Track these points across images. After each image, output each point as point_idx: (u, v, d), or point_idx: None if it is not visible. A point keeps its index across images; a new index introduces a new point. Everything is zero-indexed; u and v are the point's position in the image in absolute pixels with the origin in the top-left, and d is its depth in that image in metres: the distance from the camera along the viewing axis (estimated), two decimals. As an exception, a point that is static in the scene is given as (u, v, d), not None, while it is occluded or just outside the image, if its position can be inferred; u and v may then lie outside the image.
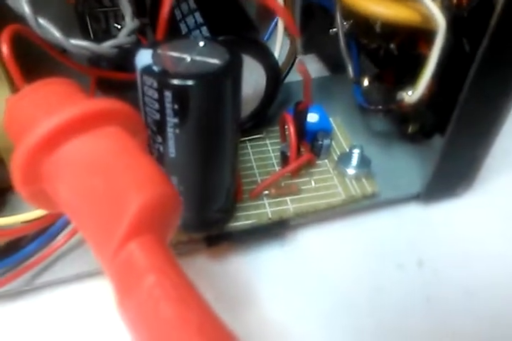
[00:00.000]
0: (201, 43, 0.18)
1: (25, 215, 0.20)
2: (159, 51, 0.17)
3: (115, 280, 0.12)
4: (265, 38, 0.28)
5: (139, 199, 0.13)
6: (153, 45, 0.18)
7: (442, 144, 0.23)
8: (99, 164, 0.14)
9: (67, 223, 0.22)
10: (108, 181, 0.14)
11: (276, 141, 0.27)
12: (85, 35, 0.28)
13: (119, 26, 0.28)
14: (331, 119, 0.28)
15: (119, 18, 0.28)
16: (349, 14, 0.26)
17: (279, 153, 0.26)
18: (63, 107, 0.14)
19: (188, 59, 0.17)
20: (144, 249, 0.13)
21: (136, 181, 0.14)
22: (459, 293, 0.23)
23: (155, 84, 0.16)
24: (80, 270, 0.21)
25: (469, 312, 0.22)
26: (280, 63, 0.26)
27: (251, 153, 0.26)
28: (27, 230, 0.20)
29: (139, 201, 0.13)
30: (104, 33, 0.28)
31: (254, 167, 0.26)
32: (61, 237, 0.21)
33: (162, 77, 0.16)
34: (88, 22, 0.27)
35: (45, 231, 0.21)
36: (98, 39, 0.28)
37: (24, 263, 0.21)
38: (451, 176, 0.25)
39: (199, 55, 0.17)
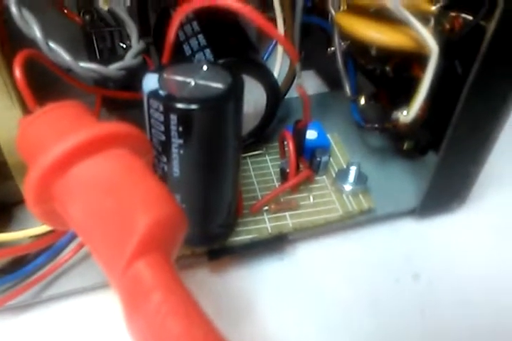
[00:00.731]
0: (204, 67, 0.19)
1: (32, 230, 0.21)
2: (165, 75, 0.18)
3: (124, 296, 0.13)
4: (265, 58, 0.29)
5: (147, 219, 0.14)
6: (159, 69, 0.19)
7: (436, 161, 0.24)
8: (109, 185, 0.15)
9: (73, 237, 0.22)
10: (117, 201, 0.14)
11: (275, 156, 0.28)
12: (91, 54, 0.29)
13: (124, 45, 0.29)
14: (328, 136, 0.29)
15: (124, 37, 0.29)
16: (346, 36, 0.27)
17: (278, 169, 0.27)
18: (74, 130, 0.15)
19: (192, 83, 0.18)
20: (152, 267, 0.13)
21: (144, 201, 0.14)
22: (454, 306, 0.23)
23: (161, 108, 0.17)
24: (86, 283, 0.22)
25: (464, 325, 0.22)
26: (280, 81, 0.27)
27: (251, 169, 0.27)
28: (34, 247, 0.21)
29: (147, 221, 0.14)
30: (110, 52, 0.29)
31: (255, 182, 0.26)
32: (68, 251, 0.22)
33: (168, 101, 0.17)
34: (95, 41, 0.28)
35: (51, 246, 0.22)
36: (104, 58, 0.29)
37: (31, 277, 0.21)
38: (445, 192, 0.26)
39: (202, 79, 0.18)
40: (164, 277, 0.13)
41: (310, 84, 0.36)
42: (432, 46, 0.20)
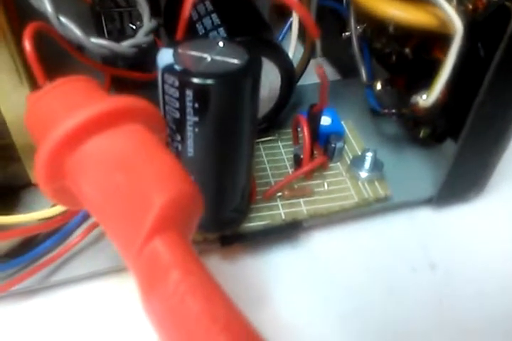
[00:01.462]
0: (221, 43, 0.18)
1: (40, 213, 0.21)
2: (180, 50, 0.18)
3: (140, 275, 0.12)
4: (279, 40, 0.28)
5: (163, 196, 0.13)
6: (174, 45, 0.18)
7: (455, 149, 0.23)
8: (123, 161, 0.14)
9: (82, 220, 0.22)
10: (131, 178, 0.14)
11: (288, 143, 0.27)
12: (100, 34, 0.28)
13: (133, 26, 0.28)
14: (342, 122, 0.28)
15: (134, 18, 0.28)
16: (363, 18, 0.26)
17: (291, 155, 0.26)
18: (86, 105, 0.14)
19: (209, 58, 0.17)
20: (169, 245, 0.13)
21: (160, 178, 0.14)
22: (471, 296, 0.23)
23: (176, 83, 0.16)
24: (96, 268, 0.21)
25: (482, 315, 0.22)
26: (294, 64, 0.26)
27: (264, 155, 0.26)
28: (43, 228, 0.20)
29: (163, 198, 0.13)
30: (119, 33, 0.28)
31: (268, 168, 0.26)
32: (77, 235, 0.21)
33: (184, 76, 0.16)
34: (104, 22, 0.28)
35: (60, 229, 0.21)
36: (113, 39, 0.28)
37: (39, 261, 0.21)
38: (463, 181, 0.25)
39: (219, 54, 0.18)
40: (182, 255, 0.13)
41: (318, 76, 0.35)
42: (457, 25, 0.19)
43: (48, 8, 0.18)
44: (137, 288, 0.12)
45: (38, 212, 0.21)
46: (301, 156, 0.24)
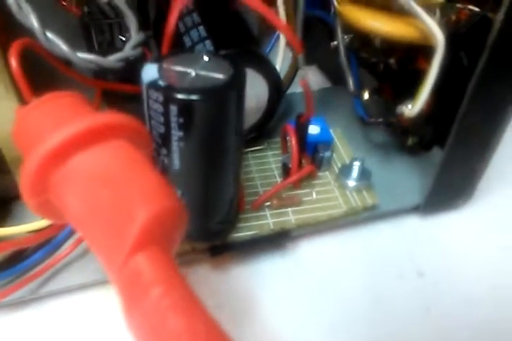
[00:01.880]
0: (205, 58, 0.18)
1: (30, 225, 0.21)
2: (165, 65, 0.18)
3: (122, 290, 0.13)
4: (267, 51, 0.28)
5: (146, 211, 0.13)
6: (159, 60, 0.18)
7: (441, 157, 0.24)
8: (107, 176, 0.14)
9: (71, 232, 0.22)
10: (115, 193, 0.14)
11: (277, 152, 0.28)
12: (90, 47, 0.28)
13: (123, 38, 0.28)
14: (331, 131, 0.28)
15: (124, 29, 0.28)
16: (349, 28, 0.26)
17: (280, 165, 0.27)
18: (72, 120, 0.15)
19: (193, 73, 0.18)
20: (151, 260, 0.13)
21: (144, 193, 0.14)
22: (459, 303, 0.23)
23: (160, 99, 0.17)
24: (85, 279, 0.21)
25: (470, 322, 0.22)
26: (282, 75, 0.26)
27: (252, 165, 0.27)
28: (32, 241, 0.21)
29: (146, 213, 0.13)
30: (109, 45, 0.28)
31: (256, 178, 0.26)
32: (66, 246, 0.22)
33: (168, 92, 0.17)
34: (93, 34, 0.28)
35: (50, 241, 0.22)
36: (103, 50, 0.28)
37: (29, 273, 0.21)
38: (450, 189, 0.26)
39: (203, 69, 0.18)
40: (164, 271, 0.13)
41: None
42: (439, 37, 0.20)
43: (35, 24, 0.19)
44: (120, 303, 0.12)
45: (28, 225, 0.21)
46: (290, 165, 0.25)
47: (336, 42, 0.28)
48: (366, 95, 0.27)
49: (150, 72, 0.17)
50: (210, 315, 0.12)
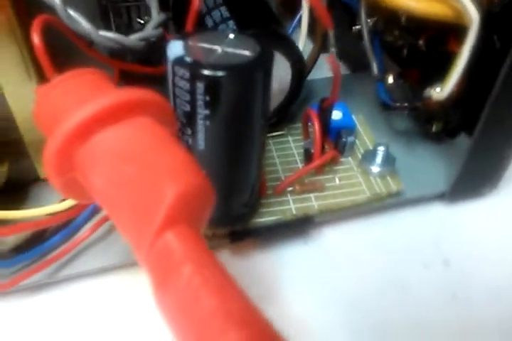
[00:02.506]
0: (231, 35, 0.18)
1: (49, 208, 0.20)
2: (190, 42, 0.17)
3: (152, 270, 0.12)
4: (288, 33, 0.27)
5: (175, 188, 0.13)
6: (184, 37, 0.18)
7: (470, 144, 0.23)
8: (133, 153, 0.14)
9: (91, 215, 0.22)
10: (142, 170, 0.13)
11: (298, 138, 0.27)
12: (108, 29, 0.28)
13: (141, 21, 0.28)
14: (353, 117, 0.28)
15: (141, 13, 0.28)
16: (373, 11, 0.25)
17: (301, 150, 0.26)
18: (96, 97, 0.14)
19: (220, 50, 0.17)
20: (181, 238, 0.12)
21: (171, 170, 0.13)
22: (485, 293, 0.22)
23: (187, 75, 0.16)
24: (105, 263, 0.21)
25: (496, 310, 0.22)
26: (305, 57, 0.26)
27: (274, 150, 0.26)
28: (51, 222, 0.20)
29: (175, 190, 0.13)
30: (127, 28, 0.28)
31: (277, 163, 0.25)
32: (86, 229, 0.21)
33: (195, 68, 0.16)
34: (111, 16, 0.27)
35: (69, 224, 0.21)
36: (121, 33, 0.28)
37: (48, 256, 0.21)
38: (477, 176, 0.25)
39: (230, 46, 0.17)
40: (195, 249, 0.12)
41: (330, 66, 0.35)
42: (473, 16, 0.19)
43: (57, 0, 0.18)
44: (149, 283, 0.12)
45: (47, 207, 0.20)
46: (312, 151, 0.24)
47: (358, 27, 0.27)
48: (391, 79, 0.26)
49: (175, 48, 0.17)
50: (244, 293, 0.11)
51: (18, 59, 0.20)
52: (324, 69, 0.29)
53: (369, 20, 0.26)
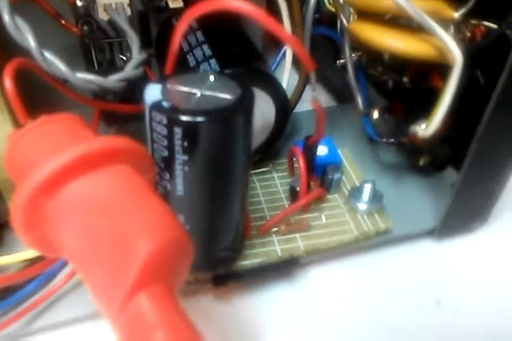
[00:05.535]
0: (211, 77, 0.17)
1: (24, 254, 0.19)
2: (168, 86, 0.17)
3: (123, 335, 0.11)
4: (272, 68, 0.27)
5: (149, 243, 0.12)
6: (162, 80, 0.17)
7: (458, 179, 0.23)
8: (106, 205, 0.13)
9: (65, 262, 0.21)
10: (115, 224, 0.13)
11: (283, 174, 0.26)
12: (89, 66, 0.27)
13: (124, 57, 0.27)
14: (339, 151, 0.27)
15: (124, 49, 0.27)
16: (358, 46, 0.25)
17: (287, 187, 0.25)
18: (69, 145, 0.14)
19: (198, 94, 0.17)
20: (154, 301, 0.12)
21: (146, 224, 0.13)
22: (480, 334, 0.21)
23: (164, 121, 0.16)
24: (79, 313, 0.20)
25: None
26: (289, 93, 0.25)
27: (258, 187, 0.26)
28: (25, 275, 0.19)
29: (149, 246, 0.12)
30: (109, 64, 0.28)
31: (262, 201, 0.25)
32: (61, 277, 0.20)
33: (172, 114, 0.16)
34: (93, 53, 0.27)
35: (42, 272, 0.20)
36: (103, 70, 0.27)
37: (21, 306, 0.20)
38: (466, 211, 0.24)
39: (209, 89, 0.17)
40: (168, 313, 0.12)
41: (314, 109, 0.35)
42: (457, 55, 0.19)
43: (31, 43, 0.18)
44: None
45: (22, 253, 0.19)
46: (298, 189, 0.24)
47: (342, 60, 0.27)
48: (376, 114, 0.26)
49: (153, 92, 0.16)
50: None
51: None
52: (309, 102, 0.29)
53: (353, 55, 0.26)
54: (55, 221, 0.13)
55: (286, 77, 0.27)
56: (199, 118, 0.15)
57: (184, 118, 0.15)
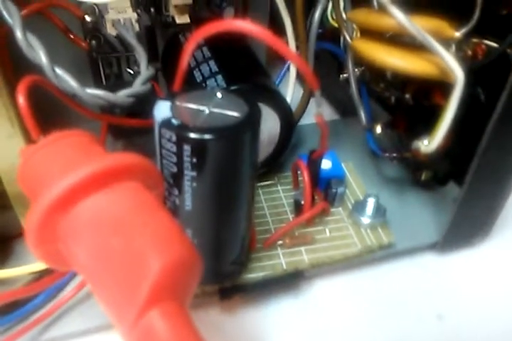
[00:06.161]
0: (219, 95, 0.18)
1: (33, 266, 0.20)
2: (177, 103, 0.17)
3: (134, 351, 0.12)
4: (276, 82, 0.28)
5: (160, 262, 0.12)
6: (171, 97, 0.17)
7: (460, 194, 0.23)
8: (118, 222, 0.13)
9: (75, 274, 0.21)
10: (126, 241, 0.13)
11: (288, 187, 0.27)
12: (97, 80, 0.28)
13: (131, 71, 0.28)
14: (343, 165, 0.28)
15: (131, 63, 0.28)
16: (360, 61, 0.26)
17: (291, 200, 0.26)
18: (80, 163, 0.14)
19: (207, 111, 0.17)
20: (166, 317, 0.12)
21: (157, 241, 0.13)
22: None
23: (174, 138, 0.16)
24: (90, 324, 0.20)
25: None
26: (293, 107, 0.26)
27: (263, 200, 0.26)
28: (34, 289, 0.19)
29: (161, 264, 0.12)
30: (117, 78, 0.28)
31: (267, 214, 0.25)
32: (69, 289, 0.21)
33: (181, 131, 0.16)
34: (101, 67, 0.27)
35: (52, 284, 0.20)
36: (110, 83, 0.28)
37: (30, 319, 0.20)
38: (468, 226, 0.25)
39: (217, 107, 0.17)
40: (180, 329, 0.12)
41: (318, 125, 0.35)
42: (458, 73, 0.19)
43: (44, 60, 0.18)
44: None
45: (31, 265, 0.20)
46: (302, 202, 0.24)
47: (345, 75, 0.28)
48: (379, 129, 0.26)
49: (163, 109, 0.17)
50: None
51: (3, 114, 0.20)
52: (313, 114, 0.29)
53: (356, 70, 0.26)
54: (67, 237, 0.14)
55: (291, 91, 0.27)
56: (208, 136, 0.16)
57: (193, 135, 0.16)
